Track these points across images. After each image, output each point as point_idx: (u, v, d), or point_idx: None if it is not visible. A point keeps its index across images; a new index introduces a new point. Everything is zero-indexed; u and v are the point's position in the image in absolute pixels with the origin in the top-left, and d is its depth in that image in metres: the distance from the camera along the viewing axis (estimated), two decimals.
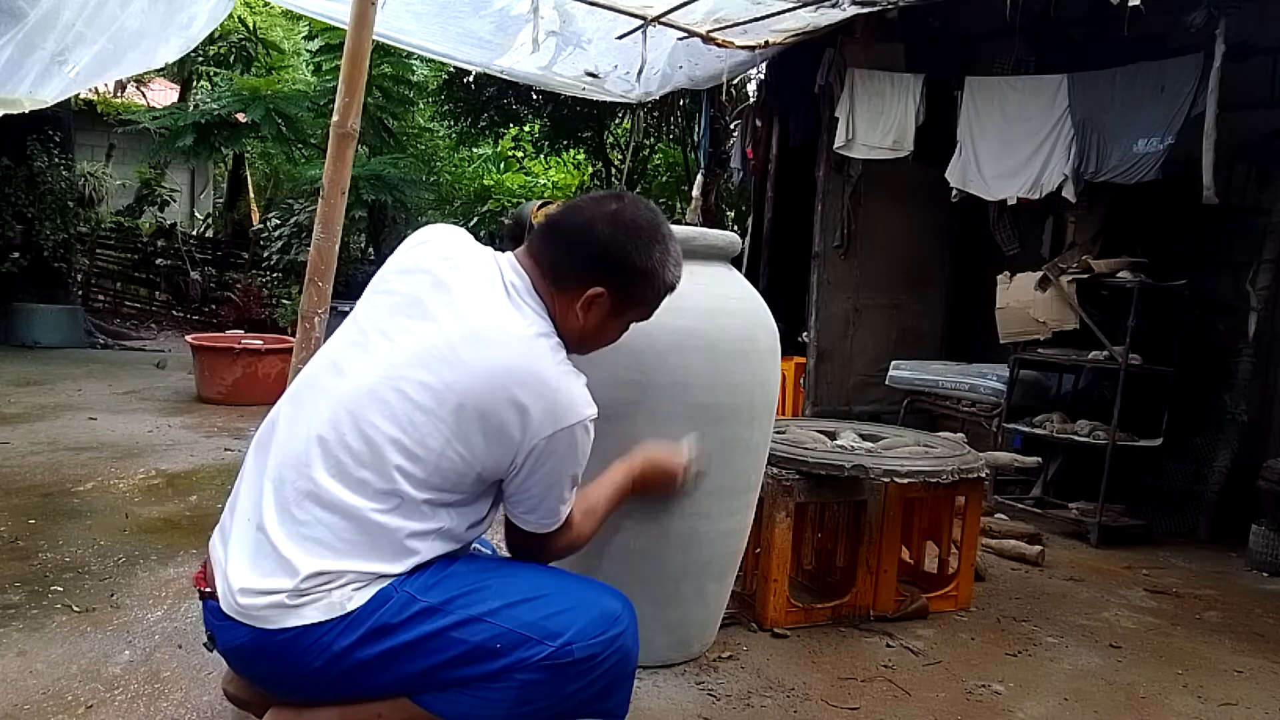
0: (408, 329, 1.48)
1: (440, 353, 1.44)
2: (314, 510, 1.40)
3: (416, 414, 1.41)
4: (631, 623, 1.51)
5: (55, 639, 2.37)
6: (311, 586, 1.37)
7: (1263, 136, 4.39)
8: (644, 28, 5.00)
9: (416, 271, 1.56)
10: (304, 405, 1.49)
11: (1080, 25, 4.98)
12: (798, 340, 5.65)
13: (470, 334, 1.45)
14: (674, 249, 1.64)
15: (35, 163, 8.37)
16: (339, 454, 1.41)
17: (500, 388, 1.42)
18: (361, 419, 1.42)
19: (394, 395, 1.42)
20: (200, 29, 3.88)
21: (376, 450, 1.41)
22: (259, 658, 1.42)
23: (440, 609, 1.40)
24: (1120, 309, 4.14)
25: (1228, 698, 2.48)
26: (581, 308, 1.57)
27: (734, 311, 2.29)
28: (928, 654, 2.64)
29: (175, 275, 10.64)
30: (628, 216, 1.59)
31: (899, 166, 5.21)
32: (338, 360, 1.52)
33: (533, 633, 1.39)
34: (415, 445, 1.41)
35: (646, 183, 10.03)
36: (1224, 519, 4.20)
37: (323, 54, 8.77)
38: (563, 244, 1.58)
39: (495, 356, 1.44)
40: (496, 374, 1.42)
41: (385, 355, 1.47)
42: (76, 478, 3.95)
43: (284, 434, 1.48)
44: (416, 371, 1.43)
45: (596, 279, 1.56)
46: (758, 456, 2.40)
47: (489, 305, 1.50)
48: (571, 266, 1.56)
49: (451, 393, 1.41)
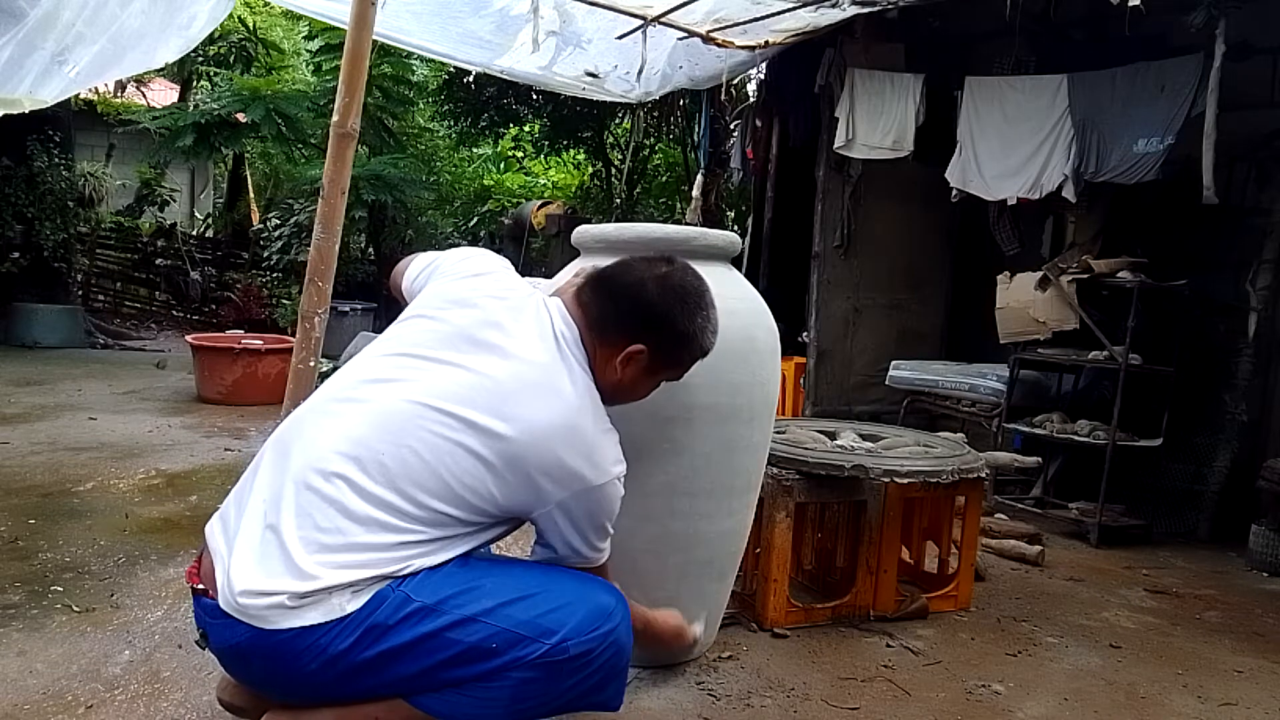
0: (459, 362, 1.52)
1: (491, 397, 1.48)
2: (337, 520, 1.40)
3: (459, 451, 1.44)
4: (625, 616, 1.52)
5: (55, 639, 2.37)
6: (313, 591, 1.37)
7: (1263, 136, 4.39)
8: (644, 28, 5.00)
9: (470, 305, 1.60)
10: (339, 414, 1.50)
11: (1080, 25, 4.98)
12: (798, 340, 5.65)
13: (523, 386, 1.50)
14: (714, 316, 1.72)
15: (35, 163, 8.37)
16: (373, 471, 1.42)
17: (546, 444, 1.47)
18: (402, 442, 1.44)
19: (440, 425, 1.45)
20: (200, 29, 3.88)
21: (412, 475, 1.43)
22: (254, 658, 1.42)
23: (435, 609, 1.40)
24: (1120, 309, 4.14)
25: (1228, 698, 2.48)
26: (621, 362, 1.63)
27: (734, 311, 2.28)
28: (928, 654, 2.64)
29: (175, 275, 10.64)
30: (676, 280, 1.67)
31: (899, 166, 5.21)
32: (381, 376, 1.54)
33: (528, 631, 1.40)
34: (450, 478, 1.44)
35: (646, 183, 10.03)
36: (1224, 519, 4.20)
37: (323, 54, 8.77)
38: (612, 299, 1.65)
39: (546, 414, 1.49)
40: (546, 431, 1.48)
41: (433, 384, 1.49)
42: (76, 478, 3.95)
43: (313, 436, 1.48)
44: (465, 409, 1.46)
45: (640, 337, 1.64)
46: (758, 456, 2.40)
47: (542, 356, 1.55)
48: (618, 321, 1.64)
49: (496, 440, 1.45)
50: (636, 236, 2.31)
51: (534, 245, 8.93)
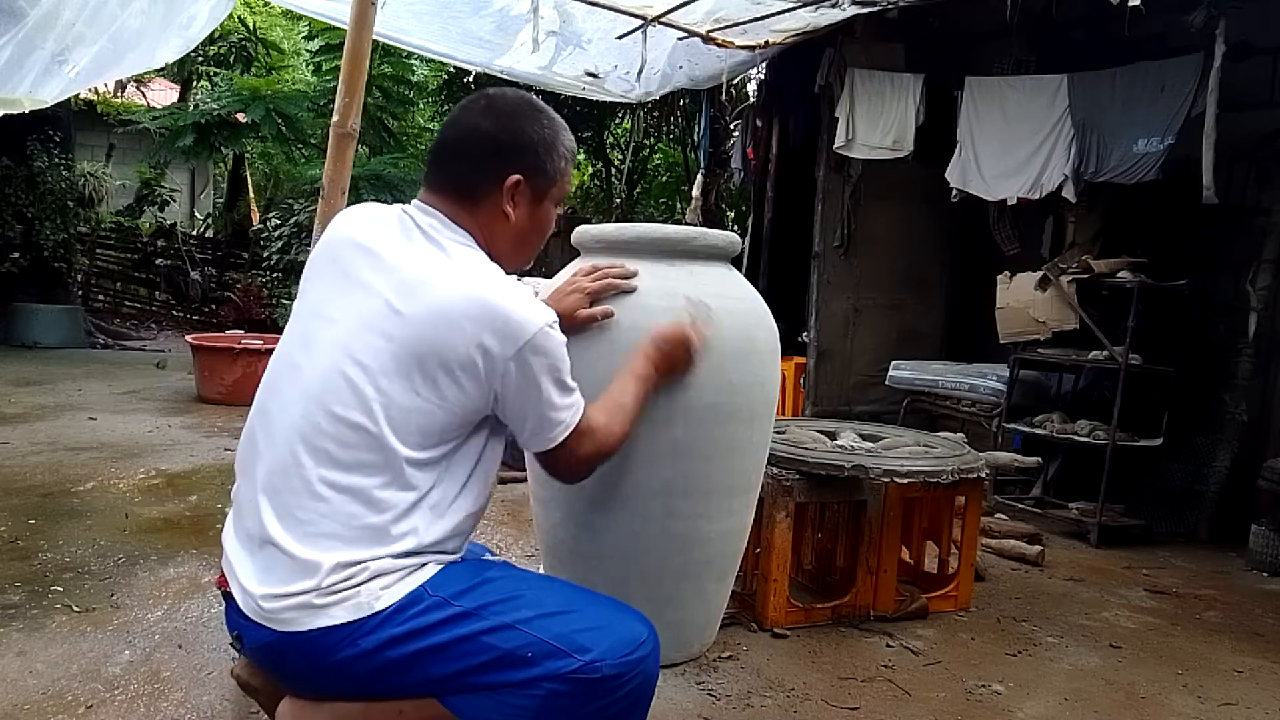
0: (345, 305, 1.48)
1: (382, 314, 1.44)
2: (314, 505, 1.40)
3: (380, 379, 1.41)
4: (655, 649, 1.50)
5: (55, 639, 2.37)
6: (336, 583, 1.37)
7: (1263, 136, 4.39)
8: (644, 28, 5.00)
9: (336, 247, 1.56)
10: (273, 413, 1.49)
11: (1080, 25, 4.98)
12: (798, 340, 5.65)
13: (403, 287, 1.45)
14: (554, 115, 1.64)
15: (35, 163, 8.37)
16: (321, 442, 1.41)
17: (449, 327, 1.42)
18: (330, 402, 1.42)
19: (354, 369, 1.42)
20: (200, 29, 3.89)
21: (354, 426, 1.41)
22: (286, 656, 1.43)
23: (474, 614, 1.40)
24: (1120, 309, 4.14)
25: (1228, 698, 2.48)
26: (509, 205, 1.56)
27: (734, 311, 2.28)
28: (928, 654, 2.64)
29: (175, 275, 10.64)
30: (500, 104, 1.59)
31: (899, 166, 5.21)
32: (291, 358, 1.52)
33: (563, 645, 1.39)
34: (390, 409, 1.41)
35: (646, 183, 10.04)
36: (1224, 519, 4.20)
37: (323, 54, 8.78)
38: (458, 157, 1.57)
39: (434, 299, 1.43)
40: (441, 315, 1.42)
41: (333, 336, 1.47)
42: (76, 478, 3.95)
43: (264, 445, 1.48)
44: (365, 339, 1.43)
45: (507, 169, 1.55)
46: (758, 456, 2.40)
47: (412, 255, 1.50)
48: (478, 171, 1.55)
49: (404, 349, 1.41)
50: (636, 236, 2.31)
51: None
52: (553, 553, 2.41)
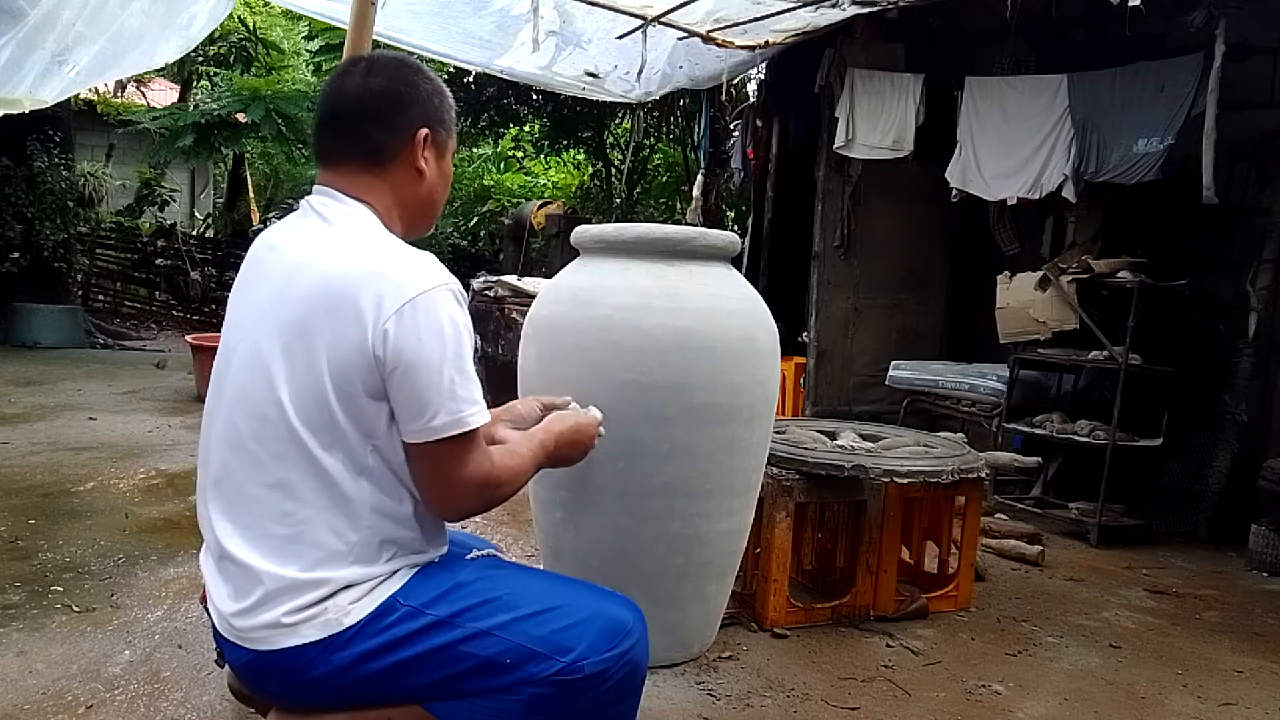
0: (250, 304, 1.46)
1: (273, 301, 1.39)
2: (249, 507, 1.38)
3: (275, 364, 1.36)
4: (642, 634, 1.48)
5: (55, 639, 2.37)
6: (303, 603, 1.35)
7: (1263, 136, 4.39)
8: (644, 28, 5.00)
9: (253, 256, 1.53)
10: (207, 426, 1.49)
11: (1080, 25, 4.98)
12: (798, 340, 5.65)
13: (290, 269, 1.40)
14: (423, 64, 1.59)
15: (35, 163, 8.37)
16: (244, 443, 1.39)
17: (327, 297, 1.34)
18: (244, 400, 1.40)
19: (256, 362, 1.39)
20: (200, 29, 3.88)
21: (263, 418, 1.37)
22: (264, 674, 1.42)
23: (449, 622, 1.38)
24: (1120, 309, 4.14)
25: (1228, 698, 2.48)
26: (420, 160, 1.49)
27: (734, 311, 2.29)
28: (928, 654, 2.64)
29: (175, 275, 10.64)
30: (384, 62, 1.54)
31: (899, 166, 5.21)
32: (216, 369, 1.52)
33: (543, 648, 1.37)
34: (291, 393, 1.35)
35: (646, 183, 10.03)
36: (1224, 519, 4.20)
37: (323, 54, 8.78)
38: (362, 120, 1.47)
39: (316, 273, 1.37)
40: (322, 288, 1.35)
41: (241, 336, 1.45)
42: (76, 478, 3.95)
43: (203, 459, 1.47)
44: (262, 328, 1.39)
45: (415, 124, 1.48)
46: (758, 456, 2.40)
47: (299, 237, 1.46)
48: (387, 129, 1.47)
49: (291, 327, 1.36)
50: (636, 236, 2.31)
51: (534, 245, 8.93)
52: (553, 553, 2.41)
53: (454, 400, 1.35)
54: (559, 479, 2.25)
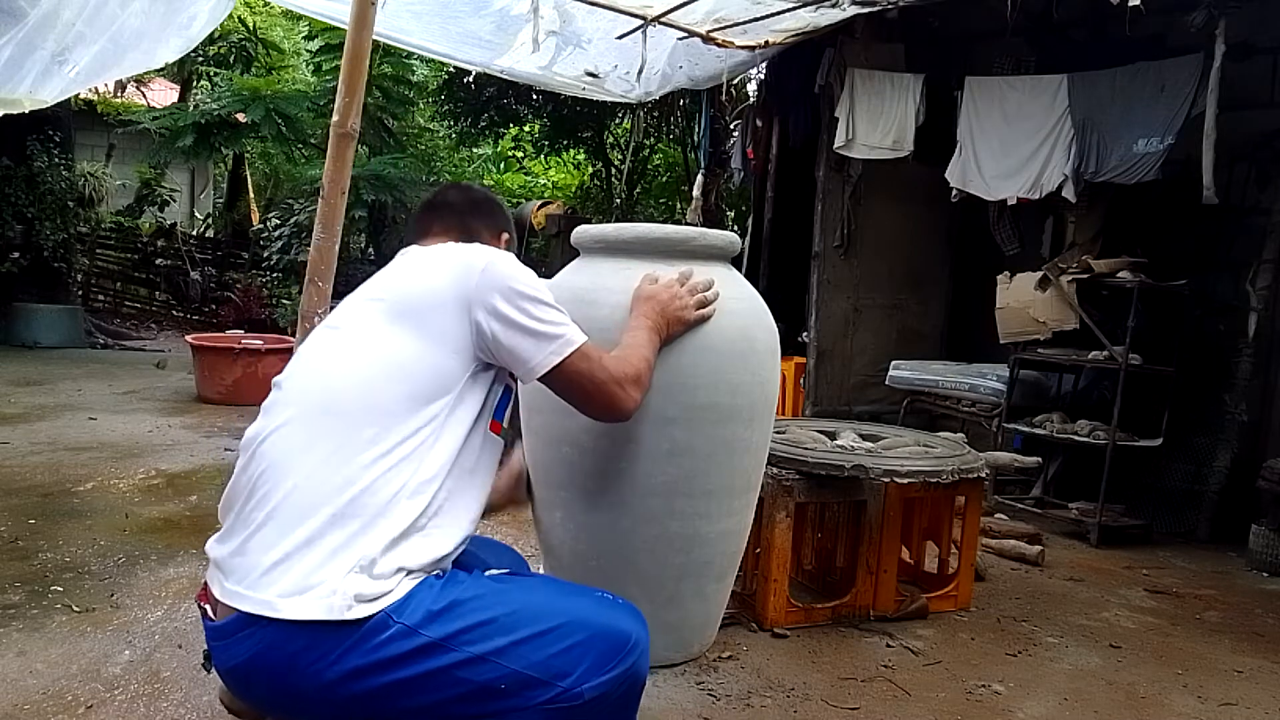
0: (346, 315, 1.65)
1: (370, 300, 1.62)
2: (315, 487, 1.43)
3: (379, 329, 1.56)
4: (644, 645, 1.46)
5: (55, 639, 2.37)
6: (316, 567, 1.35)
7: (1263, 136, 4.39)
8: (644, 28, 4.99)
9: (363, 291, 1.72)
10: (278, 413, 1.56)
11: (1080, 25, 4.98)
12: (798, 340, 5.65)
13: (387, 280, 1.66)
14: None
15: (35, 163, 8.37)
16: (344, 426, 1.47)
17: (433, 291, 1.57)
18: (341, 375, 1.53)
19: (340, 355, 1.57)
20: (200, 29, 3.88)
21: (363, 396, 1.49)
22: (253, 680, 1.40)
23: (443, 645, 1.35)
24: (1120, 309, 4.15)
25: (1228, 698, 2.48)
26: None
27: (734, 311, 2.29)
28: (928, 654, 2.64)
29: (175, 275, 10.64)
30: (481, 192, 2.01)
31: (899, 166, 5.21)
32: (292, 369, 1.64)
33: (540, 673, 1.35)
34: (393, 367, 1.50)
35: (646, 183, 10.03)
36: (1224, 519, 4.20)
37: (323, 54, 8.77)
38: (467, 211, 1.88)
39: (415, 278, 1.63)
40: (430, 286, 1.58)
41: (330, 338, 1.63)
42: (76, 478, 3.95)
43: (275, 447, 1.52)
44: (370, 306, 1.61)
45: (499, 226, 1.93)
46: (758, 456, 2.40)
47: (396, 262, 1.73)
48: (486, 221, 1.90)
49: (391, 310, 1.57)
50: (636, 236, 2.31)
51: (534, 245, 8.94)
52: (552, 553, 2.41)
53: (543, 325, 1.62)
54: (559, 479, 2.26)
